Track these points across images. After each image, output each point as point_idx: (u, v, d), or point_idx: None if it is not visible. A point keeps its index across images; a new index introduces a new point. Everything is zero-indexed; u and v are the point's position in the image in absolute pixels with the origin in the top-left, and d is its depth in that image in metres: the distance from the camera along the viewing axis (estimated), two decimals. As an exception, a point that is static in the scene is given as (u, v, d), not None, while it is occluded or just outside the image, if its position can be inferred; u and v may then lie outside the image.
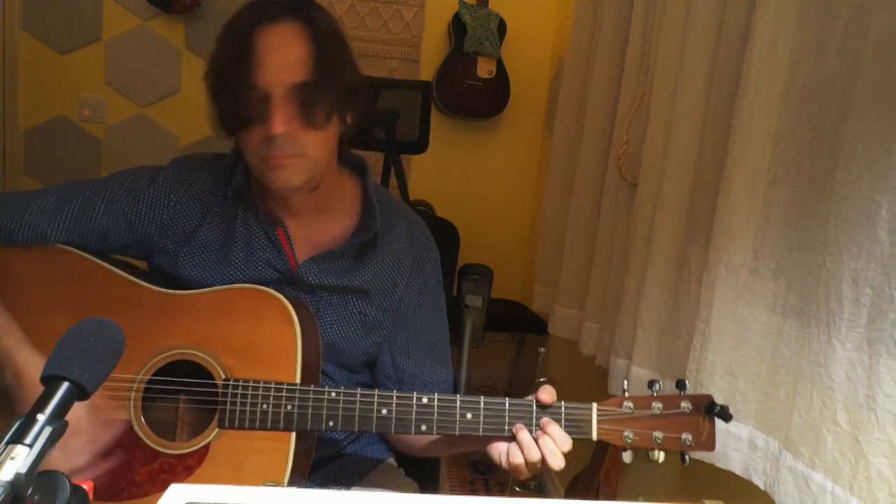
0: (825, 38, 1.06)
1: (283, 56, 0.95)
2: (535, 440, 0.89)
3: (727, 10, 1.26)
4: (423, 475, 1.24)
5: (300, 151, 0.98)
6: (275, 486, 0.75)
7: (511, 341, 3.04)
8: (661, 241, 1.41)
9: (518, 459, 0.89)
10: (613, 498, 1.65)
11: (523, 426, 0.90)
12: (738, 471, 1.17)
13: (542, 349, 2.63)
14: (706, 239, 1.25)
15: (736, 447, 1.17)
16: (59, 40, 2.85)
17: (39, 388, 0.57)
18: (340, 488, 1.11)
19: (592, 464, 1.74)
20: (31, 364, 0.91)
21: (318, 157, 1.00)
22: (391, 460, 1.22)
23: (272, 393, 0.94)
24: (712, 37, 1.31)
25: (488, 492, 2.62)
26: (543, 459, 0.88)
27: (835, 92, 1.04)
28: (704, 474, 1.27)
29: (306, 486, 1.04)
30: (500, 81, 3.01)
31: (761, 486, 1.12)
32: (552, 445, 0.89)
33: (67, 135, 2.92)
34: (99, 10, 2.86)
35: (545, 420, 0.90)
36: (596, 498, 1.62)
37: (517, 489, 2.45)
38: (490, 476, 2.72)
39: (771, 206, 1.14)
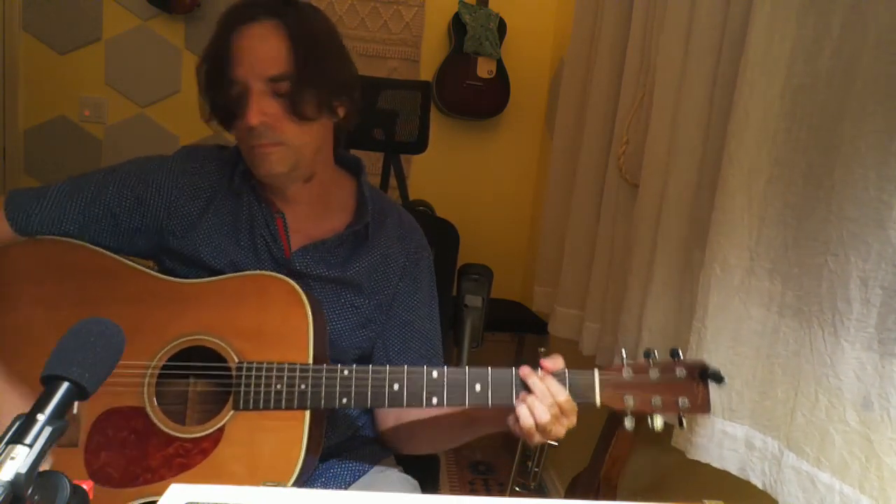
0: (820, 38, 1.06)
1: (260, 51, 1.00)
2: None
3: (730, 9, 1.27)
4: (423, 475, 1.24)
5: (279, 140, 1.02)
6: (275, 485, 0.75)
7: (511, 341, 3.04)
8: (666, 242, 1.41)
9: (524, 411, 0.92)
10: (613, 498, 1.65)
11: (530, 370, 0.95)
12: (734, 471, 1.17)
13: (542, 349, 2.63)
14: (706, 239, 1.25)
15: (732, 447, 1.17)
16: (59, 40, 2.85)
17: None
18: (340, 488, 1.11)
19: (592, 464, 1.74)
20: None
21: (300, 147, 1.04)
22: (391, 460, 1.23)
23: (286, 373, 0.96)
24: (716, 36, 1.30)
25: (488, 492, 2.62)
26: (556, 403, 0.91)
27: (830, 91, 1.04)
28: (704, 474, 1.27)
29: (306, 482, 1.05)
30: (500, 81, 3.01)
31: (759, 486, 1.12)
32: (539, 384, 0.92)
33: (67, 135, 2.92)
34: (99, 10, 2.86)
35: (524, 370, 0.95)
36: (596, 498, 1.62)
37: (517, 489, 2.45)
38: (490, 476, 2.72)
39: (766, 205, 1.14)
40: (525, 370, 0.94)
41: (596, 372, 0.95)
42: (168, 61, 2.92)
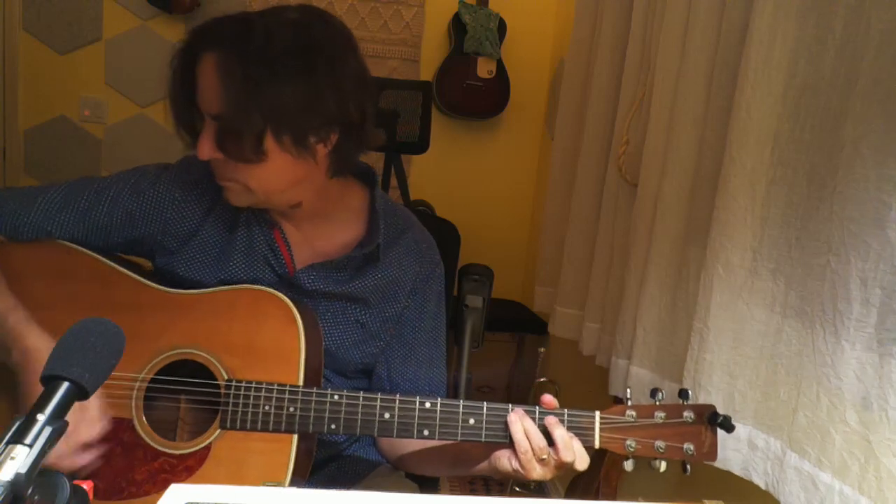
0: (823, 38, 1.06)
1: (203, 86, 0.95)
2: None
3: (727, 10, 1.26)
4: (422, 475, 1.24)
5: (232, 178, 0.98)
6: (275, 486, 0.75)
7: (511, 341, 3.04)
8: (661, 240, 1.40)
9: (525, 452, 0.88)
10: (613, 498, 1.65)
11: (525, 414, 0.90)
12: (736, 471, 1.17)
13: (542, 349, 2.63)
14: (706, 239, 1.25)
15: (734, 447, 1.17)
16: (59, 40, 2.85)
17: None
18: (341, 488, 1.11)
19: (592, 464, 1.73)
20: (39, 339, 0.91)
21: (258, 187, 0.98)
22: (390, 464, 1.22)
23: (275, 394, 0.93)
24: (712, 36, 1.30)
25: (488, 492, 2.62)
26: (557, 452, 0.88)
27: (833, 91, 1.04)
28: (704, 474, 1.27)
29: (306, 487, 1.04)
30: (500, 81, 3.01)
31: (762, 486, 1.12)
32: (565, 436, 0.88)
33: (67, 135, 2.92)
34: (99, 10, 2.86)
35: (550, 419, 0.90)
36: (596, 498, 1.62)
37: (517, 489, 2.45)
38: (490, 476, 2.71)
39: (769, 205, 1.14)
40: (515, 414, 0.90)
41: (597, 414, 0.91)
42: (168, 61, 2.91)
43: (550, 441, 0.89)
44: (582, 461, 0.89)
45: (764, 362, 1.14)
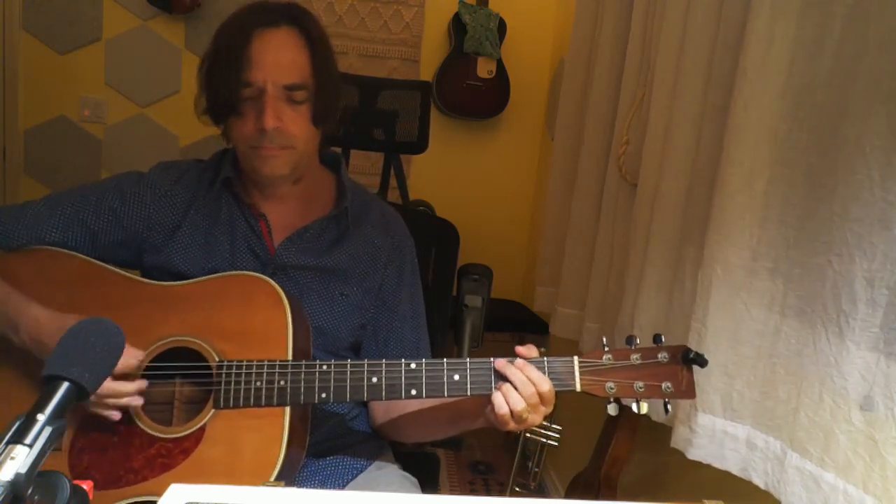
0: (821, 38, 1.06)
1: (280, 58, 1.03)
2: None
3: (724, 10, 1.26)
4: (423, 475, 1.24)
5: (288, 144, 1.05)
6: (274, 485, 0.75)
7: (511, 341, 3.04)
8: (658, 240, 1.41)
9: (500, 399, 0.92)
10: (613, 498, 1.65)
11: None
12: (735, 471, 1.17)
13: (542, 349, 2.63)
14: (702, 238, 1.25)
15: (733, 447, 1.17)
16: (59, 40, 2.86)
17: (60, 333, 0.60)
18: (338, 486, 1.11)
19: (592, 464, 1.74)
20: (42, 311, 0.98)
21: (304, 151, 1.08)
22: (390, 457, 1.23)
23: (265, 370, 0.97)
24: (710, 36, 1.30)
25: (488, 492, 2.62)
26: (536, 393, 0.92)
27: (831, 91, 1.04)
28: (704, 474, 1.27)
29: (303, 479, 1.05)
30: (500, 81, 3.01)
31: (762, 486, 1.12)
32: (535, 373, 0.92)
33: (67, 135, 2.92)
34: (99, 10, 2.86)
35: (498, 361, 0.94)
36: (596, 498, 1.62)
37: (517, 489, 2.45)
38: (490, 476, 2.72)
39: (768, 205, 1.14)
40: (500, 362, 0.94)
41: (576, 359, 0.95)
42: (168, 61, 2.92)
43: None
44: (542, 383, 0.92)
45: (762, 362, 1.14)
